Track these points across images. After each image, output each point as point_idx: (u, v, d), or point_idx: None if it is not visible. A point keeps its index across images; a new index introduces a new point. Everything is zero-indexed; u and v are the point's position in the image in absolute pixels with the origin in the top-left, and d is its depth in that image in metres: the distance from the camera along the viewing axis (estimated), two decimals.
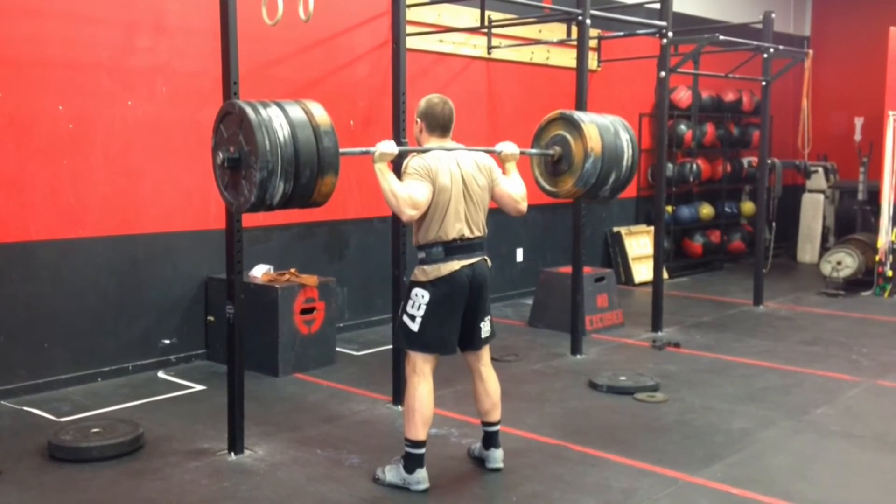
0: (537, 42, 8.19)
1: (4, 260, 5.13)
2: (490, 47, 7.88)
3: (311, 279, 5.89)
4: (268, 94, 6.15)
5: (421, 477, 3.81)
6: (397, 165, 3.87)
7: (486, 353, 4.09)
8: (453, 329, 3.86)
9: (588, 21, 6.11)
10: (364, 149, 3.84)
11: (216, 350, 5.97)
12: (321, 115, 3.49)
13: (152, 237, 5.78)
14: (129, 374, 5.66)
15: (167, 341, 5.89)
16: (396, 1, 4.92)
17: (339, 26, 6.71)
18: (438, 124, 3.89)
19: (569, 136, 4.31)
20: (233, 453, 4.25)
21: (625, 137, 4.42)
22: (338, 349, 6.18)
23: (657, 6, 7.35)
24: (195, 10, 5.80)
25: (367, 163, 6.82)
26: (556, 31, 8.28)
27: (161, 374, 5.73)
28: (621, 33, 8.17)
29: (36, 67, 5.17)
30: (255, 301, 5.67)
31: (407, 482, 3.82)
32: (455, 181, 3.78)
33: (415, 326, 3.80)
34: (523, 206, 4.02)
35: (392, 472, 3.88)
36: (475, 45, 7.80)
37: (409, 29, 5.71)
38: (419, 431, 3.79)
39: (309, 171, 3.41)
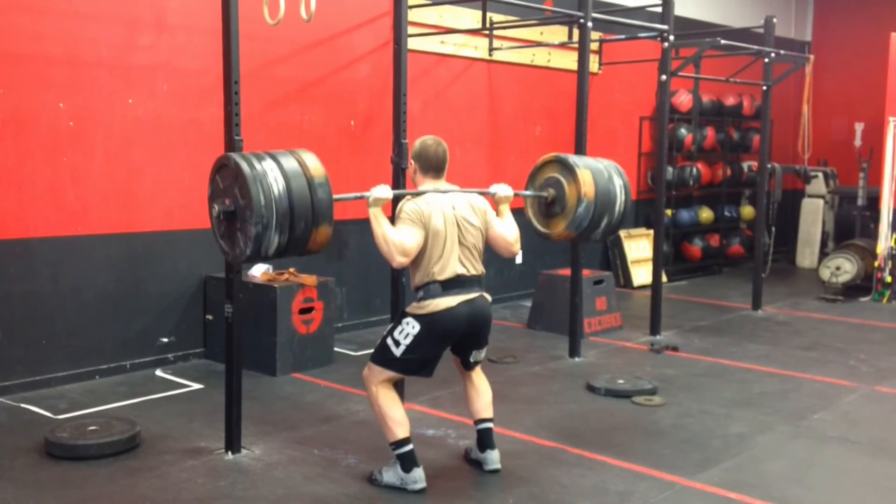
0: (538, 44, 8.19)
1: (3, 256, 5.12)
2: (491, 49, 7.88)
3: (309, 279, 5.89)
4: (269, 93, 6.21)
5: (418, 476, 3.81)
6: (395, 200, 3.90)
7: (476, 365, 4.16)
8: (434, 359, 3.92)
9: (590, 24, 6.11)
10: (359, 194, 3.88)
11: (214, 349, 5.97)
12: (315, 165, 3.54)
13: (152, 235, 5.78)
14: (126, 371, 5.66)
15: (165, 340, 5.89)
16: (398, 1, 4.92)
17: (341, 26, 6.71)
18: (432, 166, 3.93)
19: (563, 180, 4.37)
20: (230, 452, 4.25)
21: (618, 183, 4.49)
22: (336, 349, 6.18)
23: (659, 10, 7.36)
24: (196, 8, 5.80)
25: (368, 162, 6.88)
26: (558, 33, 8.28)
27: (159, 373, 5.73)
28: (622, 36, 8.18)
29: (37, 64, 5.17)
30: (254, 300, 5.67)
31: (404, 482, 3.82)
32: (449, 224, 3.81)
33: (397, 352, 3.83)
34: (516, 248, 4.06)
35: (389, 474, 3.88)
36: (476, 47, 7.80)
37: (411, 30, 5.72)
38: (396, 432, 3.82)
39: (304, 223, 3.47)
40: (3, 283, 5.13)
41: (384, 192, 3.79)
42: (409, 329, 3.81)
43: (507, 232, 4.03)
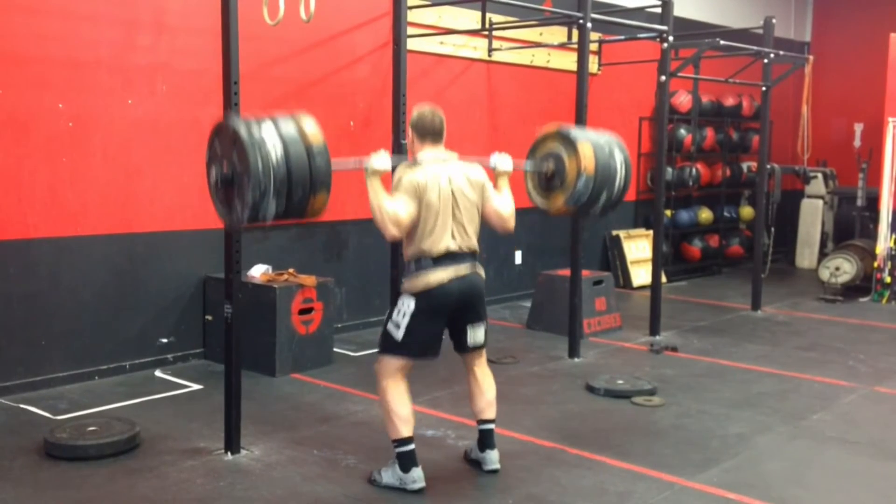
0: (538, 45, 8.19)
1: (2, 257, 5.12)
2: (491, 49, 7.88)
3: (309, 279, 5.89)
4: (268, 94, 6.21)
5: (417, 476, 3.81)
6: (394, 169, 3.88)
7: (479, 355, 4.10)
8: (436, 336, 3.90)
9: (589, 24, 6.12)
10: (357, 160, 3.85)
11: (214, 349, 5.97)
12: (314, 132, 3.51)
13: (151, 236, 5.78)
14: (126, 372, 5.66)
15: (165, 340, 5.89)
16: (398, 2, 4.94)
17: (340, 27, 6.72)
18: (428, 132, 3.92)
19: (563, 153, 4.31)
20: (229, 453, 4.25)
21: (619, 158, 4.42)
22: (335, 349, 6.18)
23: (658, 10, 7.36)
24: (196, 8, 5.80)
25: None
26: (557, 34, 8.28)
27: (158, 373, 5.73)
28: (622, 37, 8.18)
29: (36, 65, 5.17)
30: (253, 301, 5.67)
31: (403, 481, 3.82)
32: (444, 197, 3.80)
33: (399, 334, 3.83)
34: (510, 225, 4.06)
35: (388, 474, 3.88)
36: (475, 48, 7.81)
37: (410, 30, 5.73)
38: (400, 429, 3.82)
39: (301, 189, 3.44)
40: (2, 283, 5.13)
41: (383, 162, 3.77)
42: (404, 308, 3.82)
43: (503, 207, 4.02)
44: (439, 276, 3.79)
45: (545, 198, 4.47)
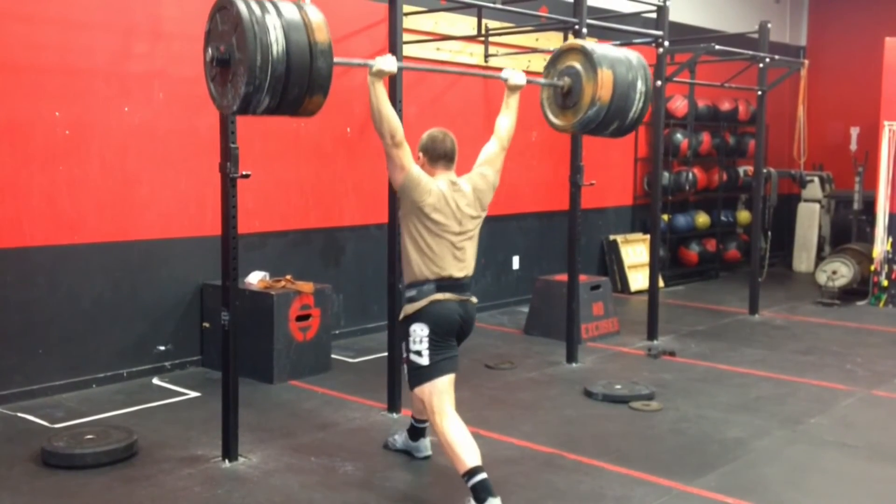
0: (534, 50, 8.21)
1: (0, 265, 5.12)
2: (487, 55, 7.90)
3: (306, 286, 5.89)
4: None
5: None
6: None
7: None
8: (454, 351, 3.81)
9: (585, 30, 6.12)
10: (362, 61, 3.74)
11: (211, 357, 5.96)
12: (319, 26, 3.32)
13: (148, 243, 5.78)
14: (123, 380, 5.65)
15: (162, 348, 5.89)
16: (393, 9, 4.94)
17: (336, 34, 6.63)
18: (440, 155, 3.83)
19: (582, 73, 4.09)
20: (227, 460, 4.24)
21: (640, 89, 4.17)
22: (333, 356, 6.18)
23: (653, 16, 7.38)
24: (193, 16, 5.79)
25: (365, 169, 6.89)
26: (553, 39, 8.30)
27: (156, 381, 5.72)
28: (618, 42, 8.18)
29: (32, 73, 5.17)
30: (251, 308, 5.66)
31: None
32: (451, 220, 3.74)
33: (424, 360, 3.72)
34: (505, 144, 4.02)
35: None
36: (472, 53, 7.82)
37: (406, 37, 5.73)
38: (466, 461, 3.59)
39: (298, 89, 3.27)
40: None
41: (389, 63, 3.66)
42: (419, 335, 3.72)
43: (502, 125, 4.01)
44: (444, 295, 3.73)
45: (555, 115, 4.32)
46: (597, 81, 4.04)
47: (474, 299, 3.91)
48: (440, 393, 3.72)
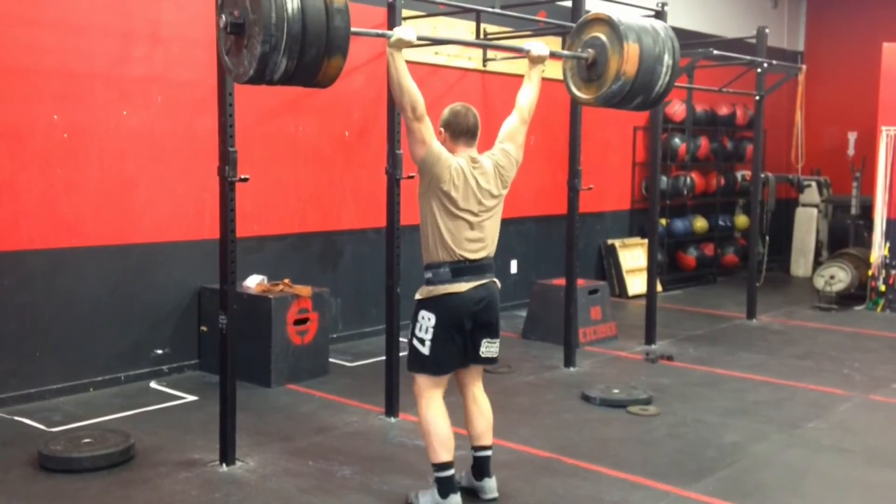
0: None
1: None
2: (485, 59, 7.91)
3: (304, 290, 5.89)
4: (264, 104, 6.21)
5: (455, 502, 3.65)
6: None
7: (479, 374, 3.94)
8: (459, 346, 3.74)
9: None
10: (380, 31, 3.67)
11: (209, 360, 5.96)
12: None
13: (146, 247, 5.77)
14: (121, 384, 5.65)
15: (160, 351, 5.88)
16: (392, 13, 4.95)
17: None
18: (462, 131, 3.75)
19: (608, 46, 3.96)
20: (224, 464, 4.24)
21: (667, 62, 4.04)
22: (331, 360, 6.17)
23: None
24: (191, 19, 5.81)
25: (363, 173, 6.89)
26: (552, 44, 8.27)
27: (153, 385, 5.72)
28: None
29: (31, 76, 5.18)
30: (249, 311, 5.66)
31: None
32: (470, 200, 3.66)
33: (425, 350, 3.68)
34: (526, 116, 3.95)
35: (426, 498, 3.72)
36: (470, 58, 7.83)
37: None
38: (438, 454, 3.65)
39: (315, 50, 3.19)
40: None
41: (408, 32, 3.57)
42: (426, 322, 3.67)
43: (523, 97, 3.92)
44: (458, 286, 3.65)
45: (578, 87, 4.21)
46: (622, 55, 3.93)
47: (497, 281, 3.81)
48: (433, 384, 3.74)
